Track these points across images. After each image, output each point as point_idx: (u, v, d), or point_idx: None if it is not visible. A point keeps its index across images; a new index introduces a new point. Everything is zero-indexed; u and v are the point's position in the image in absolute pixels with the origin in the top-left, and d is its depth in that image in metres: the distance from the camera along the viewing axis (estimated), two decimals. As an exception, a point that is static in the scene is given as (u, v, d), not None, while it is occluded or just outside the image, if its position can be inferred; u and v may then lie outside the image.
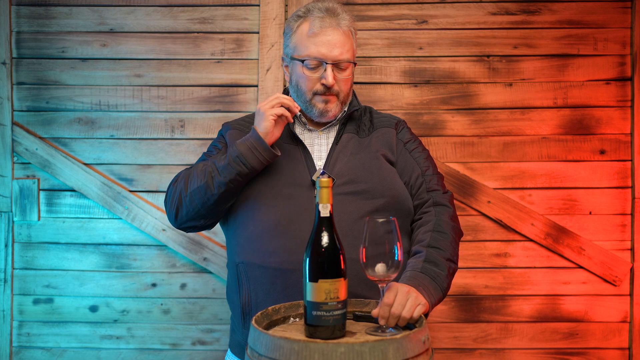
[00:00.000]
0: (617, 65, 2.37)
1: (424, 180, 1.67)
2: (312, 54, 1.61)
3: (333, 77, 1.61)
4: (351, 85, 1.70)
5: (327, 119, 1.68)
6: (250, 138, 1.56)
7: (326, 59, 1.61)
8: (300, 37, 1.64)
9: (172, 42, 2.42)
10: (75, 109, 2.42)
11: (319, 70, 1.63)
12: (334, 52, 1.61)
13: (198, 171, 1.60)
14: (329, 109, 1.65)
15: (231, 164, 1.54)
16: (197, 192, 1.58)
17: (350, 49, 1.64)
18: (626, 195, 2.37)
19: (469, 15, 2.39)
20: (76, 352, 2.43)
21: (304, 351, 1.15)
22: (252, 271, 1.58)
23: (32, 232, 2.43)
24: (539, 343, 2.39)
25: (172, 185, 1.67)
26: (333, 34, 1.61)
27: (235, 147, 1.57)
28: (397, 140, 1.72)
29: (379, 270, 1.29)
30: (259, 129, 1.55)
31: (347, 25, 1.64)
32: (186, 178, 1.62)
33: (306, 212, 1.55)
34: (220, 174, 1.55)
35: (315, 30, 1.61)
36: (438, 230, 1.59)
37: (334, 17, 1.63)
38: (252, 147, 1.54)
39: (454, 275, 1.57)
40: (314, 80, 1.63)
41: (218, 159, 1.60)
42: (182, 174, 1.66)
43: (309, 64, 1.62)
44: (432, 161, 1.73)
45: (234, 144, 1.59)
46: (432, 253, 1.53)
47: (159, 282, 2.42)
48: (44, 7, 2.41)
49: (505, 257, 2.39)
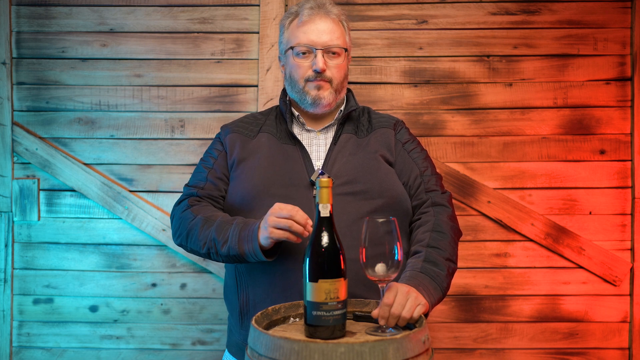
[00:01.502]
0: (617, 65, 2.38)
1: (422, 181, 1.67)
2: (302, 41, 1.65)
3: (324, 62, 1.63)
4: (345, 74, 1.71)
5: (320, 108, 1.68)
6: (250, 244, 1.47)
7: (315, 45, 1.64)
8: (291, 29, 1.68)
9: (172, 42, 2.42)
10: (75, 109, 2.42)
11: (309, 57, 1.66)
12: (323, 38, 1.64)
13: (198, 234, 1.57)
14: (322, 96, 1.66)
15: (229, 256, 1.52)
16: (198, 253, 1.59)
17: (340, 37, 1.67)
18: (626, 195, 2.37)
19: (469, 15, 2.39)
20: (76, 352, 2.43)
21: (304, 351, 1.15)
22: (251, 271, 1.58)
23: (32, 232, 2.43)
24: (539, 343, 2.39)
25: (178, 214, 1.64)
26: (322, 22, 1.65)
27: (236, 243, 1.49)
28: (395, 141, 1.72)
29: (378, 270, 1.29)
30: (260, 239, 1.46)
31: (336, 14, 1.68)
32: (188, 230, 1.59)
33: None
34: (219, 255, 1.54)
35: (304, 19, 1.65)
36: (437, 230, 1.59)
37: (322, 9, 1.67)
38: (250, 253, 1.48)
39: (453, 274, 1.57)
40: (306, 68, 1.66)
41: (217, 231, 1.53)
42: (185, 211, 1.62)
43: (299, 50, 1.65)
44: (430, 161, 1.73)
45: (235, 235, 1.50)
46: (432, 253, 1.53)
47: (159, 282, 2.42)
48: (44, 7, 2.41)
49: (505, 257, 2.39)
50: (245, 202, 1.61)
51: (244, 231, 1.49)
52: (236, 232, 1.50)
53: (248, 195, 1.61)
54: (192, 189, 1.69)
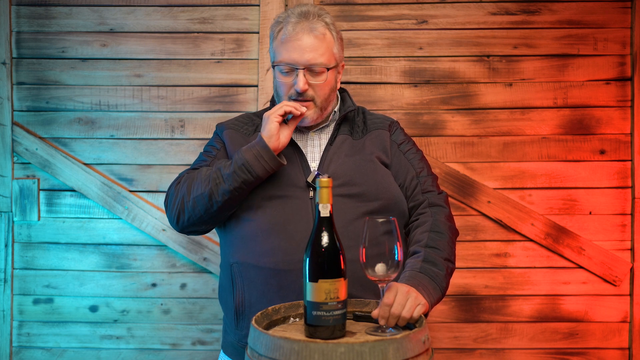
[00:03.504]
0: (617, 65, 2.38)
1: (418, 182, 1.67)
2: (285, 60, 1.60)
3: (305, 82, 1.59)
4: (331, 90, 1.65)
5: (304, 124, 1.66)
6: (257, 146, 1.54)
7: (297, 64, 1.59)
8: (277, 42, 1.63)
9: (172, 42, 2.42)
10: (75, 109, 2.42)
11: (292, 75, 1.61)
12: (305, 57, 1.58)
13: (202, 177, 1.58)
14: (305, 115, 1.62)
15: (237, 172, 1.53)
16: (201, 199, 1.56)
17: (325, 53, 1.60)
18: (626, 195, 2.37)
19: (469, 15, 2.39)
20: (76, 352, 2.43)
21: (304, 351, 1.15)
22: (247, 271, 1.58)
23: (32, 232, 2.43)
24: (539, 343, 2.39)
25: (174, 188, 1.65)
26: (304, 38, 1.59)
27: (241, 154, 1.55)
28: (391, 142, 1.71)
29: (378, 270, 1.29)
30: (264, 132, 1.55)
31: (322, 29, 1.61)
32: (189, 182, 1.60)
33: (301, 213, 1.55)
34: (225, 181, 1.54)
35: (288, 35, 1.60)
36: (435, 231, 1.59)
37: (307, 22, 1.60)
38: (258, 155, 1.53)
39: (452, 274, 1.57)
40: (289, 85, 1.62)
41: (223, 165, 1.57)
42: (185, 176, 1.64)
43: (282, 69, 1.61)
44: (426, 162, 1.73)
45: (239, 150, 1.57)
46: (431, 253, 1.53)
47: (159, 282, 2.42)
48: (44, 7, 2.41)
49: (505, 257, 2.39)
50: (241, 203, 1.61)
51: (247, 146, 1.56)
52: (240, 152, 1.56)
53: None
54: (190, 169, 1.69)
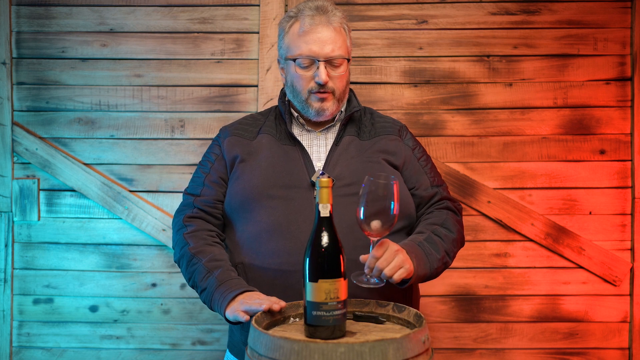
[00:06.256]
0: (617, 65, 2.38)
1: (437, 191, 1.71)
2: (304, 53, 1.61)
3: (327, 74, 1.61)
4: (347, 82, 1.69)
5: (324, 118, 1.67)
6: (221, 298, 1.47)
7: (318, 56, 1.61)
8: (292, 36, 1.64)
9: (172, 42, 2.42)
10: (75, 109, 2.42)
11: (312, 68, 1.63)
12: (326, 49, 1.60)
13: (187, 264, 1.58)
14: (326, 108, 1.65)
15: (205, 301, 1.54)
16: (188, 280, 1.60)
17: (342, 45, 1.64)
18: (626, 195, 2.37)
19: (469, 15, 2.39)
20: (76, 352, 2.43)
21: (304, 351, 1.15)
22: (252, 272, 1.58)
23: (32, 232, 2.43)
24: (539, 343, 2.39)
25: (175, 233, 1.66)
26: (324, 31, 1.61)
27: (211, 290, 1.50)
28: (404, 147, 1.72)
29: (374, 226, 1.35)
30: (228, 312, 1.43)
31: (339, 22, 1.64)
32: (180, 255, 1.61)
33: (305, 213, 1.55)
34: (199, 294, 1.56)
35: (306, 28, 1.61)
36: (445, 227, 1.63)
37: (324, 15, 1.62)
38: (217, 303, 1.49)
39: (445, 267, 1.60)
40: (308, 79, 1.63)
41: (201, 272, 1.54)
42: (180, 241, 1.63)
43: (301, 62, 1.62)
44: (435, 169, 1.77)
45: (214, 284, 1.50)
46: (434, 238, 1.57)
47: (159, 282, 2.42)
48: (44, 7, 2.41)
49: (505, 257, 2.39)
50: (245, 203, 1.61)
51: (217, 295, 1.48)
52: (212, 286, 1.50)
53: (248, 196, 1.60)
54: (189, 197, 1.69)
